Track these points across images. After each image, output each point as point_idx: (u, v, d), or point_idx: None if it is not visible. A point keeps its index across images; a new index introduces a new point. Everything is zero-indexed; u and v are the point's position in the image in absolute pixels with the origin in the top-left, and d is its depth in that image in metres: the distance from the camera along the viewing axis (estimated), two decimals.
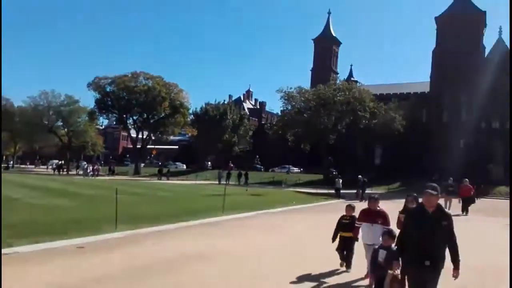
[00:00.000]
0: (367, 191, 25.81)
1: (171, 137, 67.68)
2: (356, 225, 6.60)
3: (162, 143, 73.90)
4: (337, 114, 42.72)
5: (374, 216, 6.27)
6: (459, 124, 49.93)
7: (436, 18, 53.96)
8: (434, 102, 52.50)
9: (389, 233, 5.05)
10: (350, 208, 7.13)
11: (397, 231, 4.96)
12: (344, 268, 7.02)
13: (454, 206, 18.58)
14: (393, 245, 4.73)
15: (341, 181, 27.95)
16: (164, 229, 10.80)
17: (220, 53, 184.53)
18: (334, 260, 7.15)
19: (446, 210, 4.31)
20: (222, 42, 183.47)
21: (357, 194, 25.83)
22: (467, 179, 19.94)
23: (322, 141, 43.23)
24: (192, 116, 58.45)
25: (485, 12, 52.25)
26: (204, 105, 57.71)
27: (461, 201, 19.02)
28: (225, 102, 63.50)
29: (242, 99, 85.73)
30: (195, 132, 58.26)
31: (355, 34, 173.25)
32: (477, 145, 47.49)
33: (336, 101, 41.31)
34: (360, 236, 6.60)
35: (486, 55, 51.53)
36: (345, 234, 6.90)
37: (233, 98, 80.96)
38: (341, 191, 27.10)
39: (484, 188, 35.23)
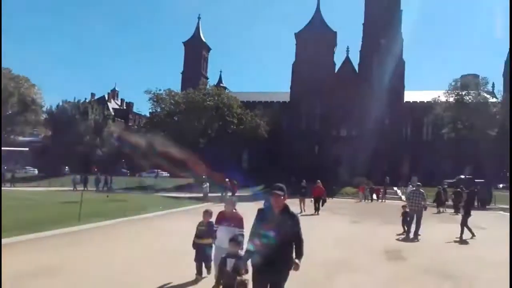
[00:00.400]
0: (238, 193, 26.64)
1: (20, 138, 59.30)
2: (214, 228, 6.43)
3: (10, 145, 64.08)
4: (207, 119, 43.21)
5: (229, 218, 6.21)
6: (314, 132, 55.57)
7: (295, 34, 59.12)
8: (293, 111, 57.37)
9: (234, 240, 4.88)
10: (207, 214, 6.86)
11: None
12: (204, 275, 6.80)
13: (308, 206, 20.47)
14: (240, 251, 4.64)
15: (208, 185, 28.25)
16: (4, 243, 9.30)
17: (82, 47, 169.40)
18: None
19: (292, 210, 4.22)
20: (86, 36, 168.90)
21: (225, 197, 26.41)
22: (319, 181, 21.50)
23: (192, 145, 43.16)
24: (46, 114, 52.28)
25: (336, 32, 59.28)
26: (61, 103, 52.22)
27: (313, 201, 20.59)
28: (87, 101, 58.53)
29: (106, 98, 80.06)
30: (49, 133, 52.22)
31: (225, 41, 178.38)
32: (328, 151, 53.42)
33: (206, 106, 41.77)
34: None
35: (336, 71, 58.43)
36: (202, 241, 6.66)
37: (96, 97, 75.18)
38: (210, 195, 27.37)
39: (336, 189, 39.87)
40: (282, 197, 4.10)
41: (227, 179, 28.70)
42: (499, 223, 18.37)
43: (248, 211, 6.80)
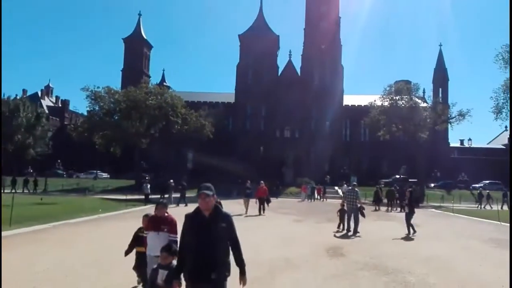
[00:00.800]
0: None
1: None
2: (144, 234, 5.79)
3: None
4: (149, 118, 41.97)
5: (160, 223, 5.58)
6: (259, 133, 56.22)
7: (239, 36, 59.44)
8: (238, 112, 57.61)
9: (167, 249, 4.29)
10: (146, 218, 6.18)
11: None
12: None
13: (252, 207, 20.62)
14: (174, 261, 4.09)
15: (149, 186, 27.49)
16: None
17: (12, 39, 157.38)
18: (132, 280, 6.51)
19: (225, 210, 3.85)
20: (16, 27, 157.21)
21: (169, 198, 25.86)
22: (262, 182, 21.75)
23: (134, 145, 41.74)
24: None
25: (278, 36, 60.46)
26: None
27: (257, 202, 20.76)
28: (18, 97, 54.41)
29: (39, 95, 75.08)
30: None
31: (168, 40, 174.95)
32: (273, 152, 54.30)
33: (148, 105, 40.53)
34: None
35: (279, 74, 59.55)
36: (142, 249, 5.98)
37: (28, 94, 70.22)
38: (151, 196, 26.62)
39: (281, 189, 40.66)
40: (211, 197, 3.66)
41: (171, 180, 28.13)
42: (432, 220, 19.75)
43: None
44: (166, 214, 5.75)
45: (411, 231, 13.94)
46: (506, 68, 40.23)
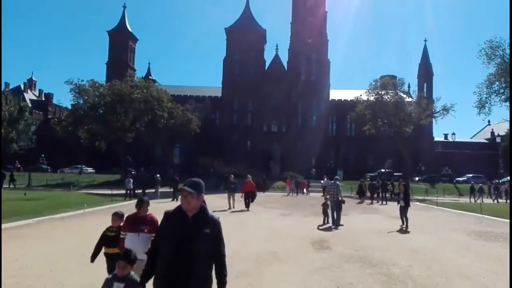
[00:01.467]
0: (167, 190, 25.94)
1: None
2: (121, 236, 5.16)
3: None
4: (135, 112, 41.52)
5: (140, 223, 5.01)
6: (246, 127, 56.18)
7: (226, 30, 59.06)
8: (225, 106, 57.42)
9: (125, 256, 3.47)
10: (116, 216, 5.50)
11: None
12: None
13: (238, 201, 20.59)
14: (132, 272, 3.45)
15: (131, 180, 27.24)
16: None
17: None
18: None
19: (212, 213, 3.19)
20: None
21: (156, 193, 25.71)
22: (249, 176, 21.56)
23: (119, 139, 41.26)
24: None
25: (265, 30, 60.30)
26: None
27: (243, 196, 20.52)
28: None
29: (22, 88, 73.65)
30: None
31: (154, 33, 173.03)
32: (260, 146, 54.36)
33: (133, 99, 40.05)
34: None
35: (266, 68, 59.47)
36: (111, 251, 5.29)
37: (11, 87, 68.79)
38: (136, 191, 26.33)
39: (268, 183, 40.74)
40: (194, 196, 3.03)
41: (157, 175, 27.93)
42: (416, 213, 20.02)
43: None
44: (147, 213, 5.26)
45: (405, 223, 14.20)
46: (489, 63, 40.92)
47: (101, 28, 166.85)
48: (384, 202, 27.63)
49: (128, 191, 25.78)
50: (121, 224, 5.39)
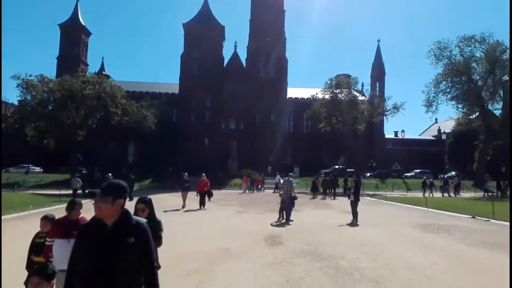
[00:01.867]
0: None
1: None
2: (47, 243, 4.66)
3: None
4: (86, 109, 39.90)
5: (71, 228, 4.18)
6: (204, 125, 55.66)
7: (183, 25, 58.16)
8: (182, 103, 56.58)
9: (40, 271, 2.71)
10: (46, 221, 4.97)
11: None
12: None
13: (193, 200, 20.36)
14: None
15: (79, 180, 26.16)
16: None
17: None
18: None
19: (138, 218, 2.86)
20: None
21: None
22: (204, 174, 21.07)
23: (69, 137, 39.50)
24: None
25: (224, 26, 59.95)
26: None
27: (198, 195, 20.06)
28: None
29: None
30: None
31: (108, 27, 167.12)
32: (218, 143, 54.12)
33: (85, 95, 38.45)
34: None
35: (225, 66, 59.25)
36: (39, 259, 4.69)
37: None
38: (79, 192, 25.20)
39: (224, 181, 40.69)
40: (107, 201, 2.63)
41: (109, 174, 27.02)
42: (366, 208, 20.79)
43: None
44: (80, 216, 4.79)
45: (355, 218, 14.69)
46: (437, 63, 43.19)
47: (51, 21, 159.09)
48: (334, 198, 28.44)
49: (76, 191, 24.72)
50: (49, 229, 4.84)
